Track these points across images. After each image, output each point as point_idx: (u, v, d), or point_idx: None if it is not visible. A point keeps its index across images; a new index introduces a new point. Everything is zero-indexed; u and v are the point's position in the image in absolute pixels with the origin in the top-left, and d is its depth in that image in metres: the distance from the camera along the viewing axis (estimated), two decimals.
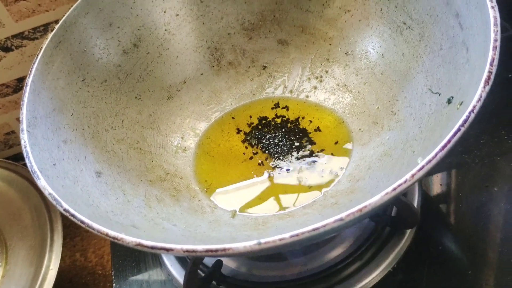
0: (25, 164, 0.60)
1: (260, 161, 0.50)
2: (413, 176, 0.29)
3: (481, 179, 0.49)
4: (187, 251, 0.29)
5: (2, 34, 0.57)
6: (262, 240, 0.28)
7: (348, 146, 0.48)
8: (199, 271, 0.47)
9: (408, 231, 0.45)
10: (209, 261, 0.47)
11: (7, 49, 0.58)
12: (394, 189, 0.29)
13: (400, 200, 0.43)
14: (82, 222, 0.33)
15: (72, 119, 0.45)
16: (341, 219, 0.28)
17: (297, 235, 0.28)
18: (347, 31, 0.52)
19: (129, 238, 0.31)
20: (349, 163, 0.47)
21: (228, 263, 0.47)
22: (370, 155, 0.45)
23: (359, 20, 0.51)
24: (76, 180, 0.40)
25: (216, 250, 0.29)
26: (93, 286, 0.59)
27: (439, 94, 0.40)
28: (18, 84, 0.62)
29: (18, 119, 0.65)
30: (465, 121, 0.31)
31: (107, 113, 0.49)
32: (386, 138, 0.45)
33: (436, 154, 0.30)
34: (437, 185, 0.51)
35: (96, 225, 0.32)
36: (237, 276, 0.47)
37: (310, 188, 0.46)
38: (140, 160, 0.48)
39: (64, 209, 0.34)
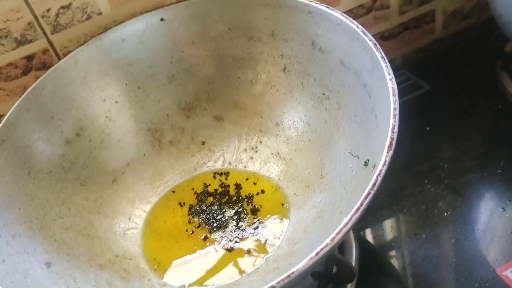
0: None
1: (203, 235, 0.52)
2: (332, 239, 0.32)
3: (410, 228, 0.53)
4: None
5: None
6: None
7: (286, 211, 0.52)
8: None
9: (349, 284, 0.48)
10: None
11: None
12: (317, 253, 0.32)
13: (336, 258, 0.46)
14: None
15: (20, 213, 0.46)
16: (272, 287, 0.31)
17: None
18: (275, 104, 0.56)
19: None
20: (288, 227, 0.50)
21: None
22: (305, 218, 0.49)
23: (284, 94, 0.56)
24: (26, 274, 0.41)
25: None
26: None
27: (358, 157, 0.45)
28: None
29: None
30: (373, 184, 0.35)
31: (53, 203, 0.50)
32: (318, 200, 0.49)
33: (351, 217, 0.33)
34: (372, 238, 0.54)
35: None
36: None
37: (253, 256, 0.48)
38: (89, 245, 0.49)
39: None
